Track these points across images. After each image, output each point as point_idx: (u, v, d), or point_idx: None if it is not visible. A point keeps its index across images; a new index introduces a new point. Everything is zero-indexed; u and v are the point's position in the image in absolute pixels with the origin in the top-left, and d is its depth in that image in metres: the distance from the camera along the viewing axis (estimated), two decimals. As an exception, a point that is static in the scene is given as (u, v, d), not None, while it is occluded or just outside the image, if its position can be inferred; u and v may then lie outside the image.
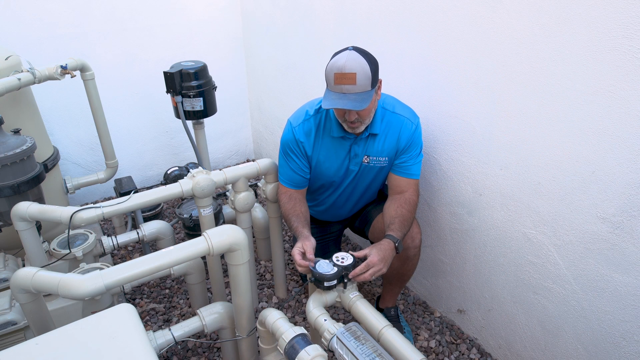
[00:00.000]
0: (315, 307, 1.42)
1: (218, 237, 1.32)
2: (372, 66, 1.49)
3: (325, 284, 1.40)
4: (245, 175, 1.89)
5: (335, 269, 1.41)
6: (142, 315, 2.18)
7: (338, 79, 1.47)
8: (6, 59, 1.99)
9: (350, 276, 1.44)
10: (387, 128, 1.69)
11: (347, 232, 2.68)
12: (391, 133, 1.69)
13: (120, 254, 2.61)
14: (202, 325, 1.55)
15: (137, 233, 2.15)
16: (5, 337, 1.64)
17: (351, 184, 1.83)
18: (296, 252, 1.54)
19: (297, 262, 1.51)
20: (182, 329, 1.52)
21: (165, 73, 2.27)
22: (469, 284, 1.92)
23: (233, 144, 3.66)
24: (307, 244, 1.55)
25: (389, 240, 1.56)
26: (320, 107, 1.71)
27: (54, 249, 1.87)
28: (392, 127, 1.69)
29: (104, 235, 2.36)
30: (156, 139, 3.28)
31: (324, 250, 2.06)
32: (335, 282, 1.41)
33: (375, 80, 1.51)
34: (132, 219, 2.61)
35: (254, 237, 2.45)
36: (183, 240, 2.19)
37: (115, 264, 2.25)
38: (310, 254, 1.52)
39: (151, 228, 2.18)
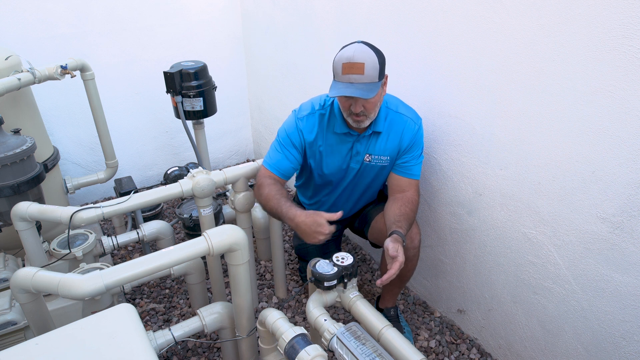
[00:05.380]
0: (315, 307, 1.42)
1: (218, 237, 1.32)
2: (380, 59, 1.51)
3: (325, 284, 1.40)
4: (245, 175, 1.89)
5: (335, 269, 1.41)
6: (142, 315, 2.18)
7: (346, 69, 1.48)
8: (6, 59, 1.99)
9: (384, 280, 1.43)
10: (390, 127, 1.69)
11: (347, 232, 2.67)
12: (394, 132, 1.69)
13: (120, 254, 2.60)
14: (202, 325, 1.55)
15: (137, 233, 2.15)
16: (5, 337, 1.64)
17: (352, 182, 1.83)
18: (322, 221, 1.49)
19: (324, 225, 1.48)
20: (182, 329, 1.52)
21: (165, 73, 2.27)
22: (469, 284, 1.92)
23: (233, 144, 3.66)
24: (325, 215, 1.51)
25: (397, 236, 1.55)
26: (326, 103, 1.73)
27: (54, 249, 1.87)
28: (395, 127, 1.69)
29: (104, 235, 2.36)
30: (156, 139, 3.28)
31: (324, 250, 2.06)
32: (335, 282, 1.41)
33: (382, 74, 1.53)
34: (132, 219, 2.61)
35: (254, 237, 2.45)
36: (183, 240, 2.19)
37: (115, 264, 2.25)
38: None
39: (151, 228, 2.18)
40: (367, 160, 1.74)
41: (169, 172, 2.75)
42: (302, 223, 1.52)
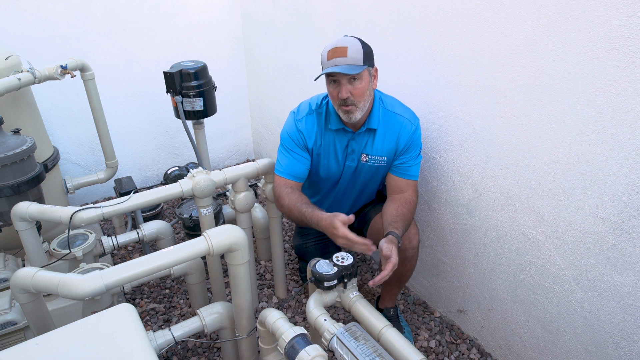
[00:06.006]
0: (315, 307, 1.42)
1: (218, 237, 1.32)
2: (365, 47, 1.54)
3: (325, 284, 1.40)
4: (245, 175, 1.89)
5: (335, 269, 1.41)
6: (142, 315, 2.18)
7: (330, 54, 1.53)
8: (6, 59, 1.99)
9: (376, 281, 1.42)
10: (386, 127, 1.69)
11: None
12: (390, 133, 1.69)
13: (120, 254, 2.60)
14: (202, 325, 1.55)
15: (137, 233, 2.15)
16: (5, 337, 1.64)
17: (349, 181, 1.83)
18: (345, 231, 1.45)
19: (356, 241, 1.43)
20: (182, 329, 1.52)
21: (165, 73, 2.27)
22: (469, 284, 1.92)
23: (233, 144, 3.66)
24: (341, 217, 1.47)
25: (392, 237, 1.56)
26: (322, 101, 1.74)
27: (54, 249, 1.87)
28: (391, 127, 1.69)
29: (104, 235, 2.36)
30: (156, 139, 3.28)
31: (324, 250, 2.06)
32: (335, 282, 1.41)
33: (368, 60, 1.54)
34: (132, 219, 2.61)
35: (254, 237, 2.45)
36: (183, 240, 2.19)
37: (115, 264, 2.25)
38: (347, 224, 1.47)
39: (151, 228, 2.18)
40: (364, 160, 1.74)
41: (169, 172, 2.75)
42: (324, 228, 1.53)
